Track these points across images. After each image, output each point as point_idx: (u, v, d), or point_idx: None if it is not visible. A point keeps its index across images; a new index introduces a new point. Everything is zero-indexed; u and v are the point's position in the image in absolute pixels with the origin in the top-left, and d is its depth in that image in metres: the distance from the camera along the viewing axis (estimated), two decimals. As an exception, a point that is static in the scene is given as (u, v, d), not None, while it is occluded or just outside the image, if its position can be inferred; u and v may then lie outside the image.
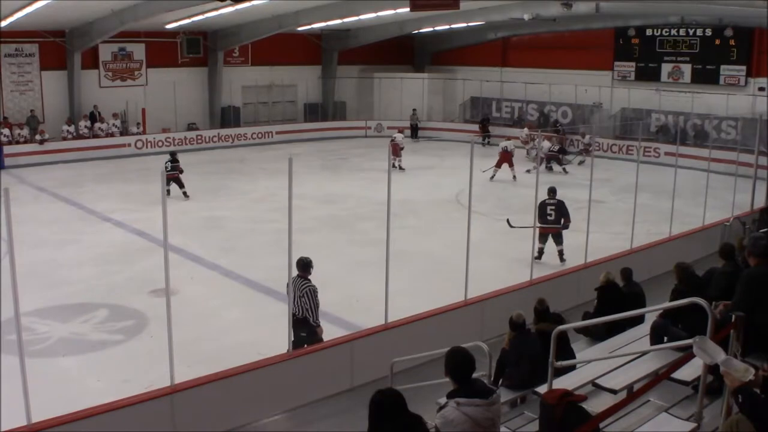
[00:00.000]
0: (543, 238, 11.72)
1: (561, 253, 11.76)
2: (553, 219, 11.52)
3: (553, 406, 4.19)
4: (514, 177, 19.32)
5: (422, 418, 3.66)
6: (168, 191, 16.16)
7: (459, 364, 3.64)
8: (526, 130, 23.57)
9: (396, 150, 20.20)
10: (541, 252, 11.73)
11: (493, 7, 22.31)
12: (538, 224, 11.10)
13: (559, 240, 11.74)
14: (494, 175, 19.35)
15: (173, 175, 16.27)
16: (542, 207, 11.46)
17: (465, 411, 3.45)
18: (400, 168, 20.18)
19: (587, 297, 8.65)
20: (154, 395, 6.30)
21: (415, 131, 27.39)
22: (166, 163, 16.31)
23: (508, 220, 12.36)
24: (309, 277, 7.50)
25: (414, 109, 27.80)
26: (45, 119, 22.37)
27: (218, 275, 11.31)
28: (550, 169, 20.80)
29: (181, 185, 16.54)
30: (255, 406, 6.86)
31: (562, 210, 11.57)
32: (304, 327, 7.36)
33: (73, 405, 6.02)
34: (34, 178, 18.93)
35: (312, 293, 7.36)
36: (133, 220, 14.39)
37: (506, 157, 19.48)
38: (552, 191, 11.83)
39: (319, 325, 7.53)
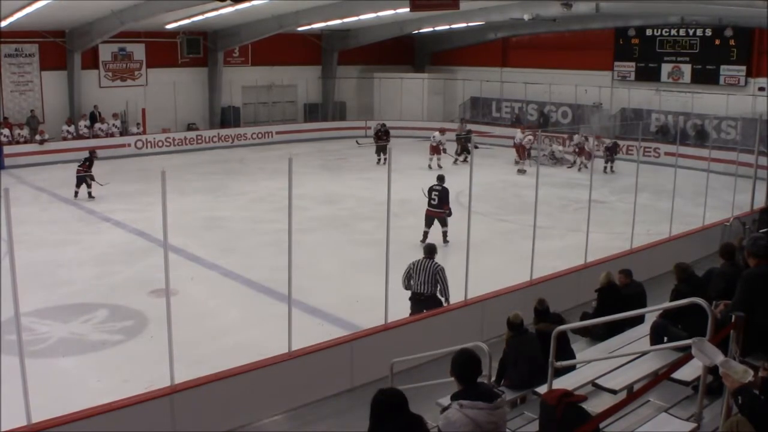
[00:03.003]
0: (429, 221, 12.59)
1: (444, 235, 12.61)
2: (436, 203, 12.49)
3: (553, 407, 4.19)
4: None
5: (423, 419, 3.66)
6: (76, 192, 16.42)
7: (465, 365, 3.63)
8: (518, 133, 22.36)
9: (437, 149, 20.85)
10: (425, 235, 12.50)
11: (493, 7, 22.30)
12: (428, 207, 12.56)
13: (443, 222, 12.60)
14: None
15: (81, 172, 16.29)
16: (429, 191, 12.73)
17: (467, 413, 3.44)
18: (439, 167, 20.54)
19: (587, 297, 8.65)
20: (154, 395, 6.30)
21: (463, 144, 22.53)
22: (84, 161, 16.53)
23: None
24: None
25: (462, 119, 26.31)
26: (45, 119, 22.37)
27: (218, 275, 11.31)
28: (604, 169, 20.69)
29: (89, 185, 16.41)
30: (255, 406, 6.86)
31: (444, 197, 12.46)
32: (429, 304, 8.27)
33: (73, 405, 6.02)
34: (33, 178, 18.93)
35: (443, 272, 8.31)
36: (132, 220, 14.39)
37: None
38: (440, 178, 12.77)
39: (448, 301, 8.31)
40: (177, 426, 6.30)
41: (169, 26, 22.93)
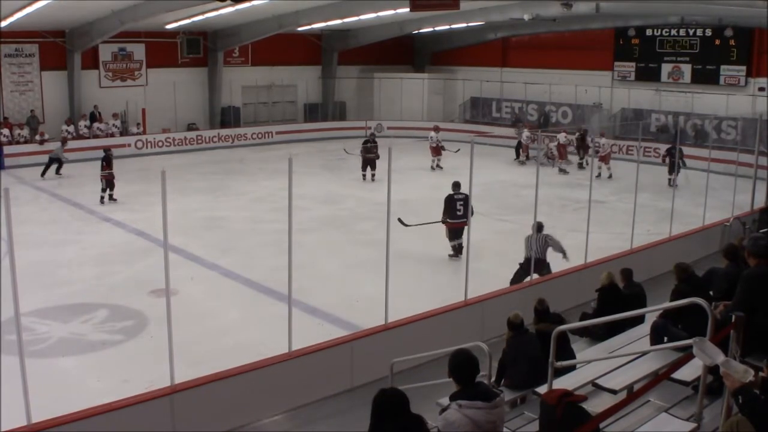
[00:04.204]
0: (454, 234, 11.77)
1: (460, 246, 11.69)
2: (461, 213, 11.51)
3: (553, 407, 4.19)
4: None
5: (423, 419, 3.66)
6: (109, 197, 16.06)
7: (462, 365, 3.63)
8: (525, 131, 22.94)
9: (438, 150, 20.69)
10: (457, 249, 11.75)
11: (493, 7, 22.30)
12: (448, 219, 11.61)
13: (461, 233, 11.67)
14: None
15: (108, 177, 15.98)
16: (451, 202, 11.65)
17: (466, 413, 3.44)
18: (438, 167, 20.49)
19: (587, 297, 8.65)
20: (154, 395, 6.30)
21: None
22: (104, 161, 16.10)
23: (399, 219, 11.79)
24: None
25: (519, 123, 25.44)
26: (45, 119, 22.37)
27: (218, 275, 11.30)
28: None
29: (111, 187, 16.08)
30: (255, 406, 6.86)
31: (467, 204, 11.41)
32: (543, 267, 9.92)
33: (73, 405, 6.02)
34: (33, 178, 18.92)
35: (552, 237, 10.11)
36: (133, 220, 14.40)
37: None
38: (458, 185, 11.82)
39: (566, 255, 10.13)
40: (177, 426, 6.30)
41: (169, 26, 22.93)
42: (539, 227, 10.26)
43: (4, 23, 17.74)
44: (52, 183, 18.31)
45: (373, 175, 19.10)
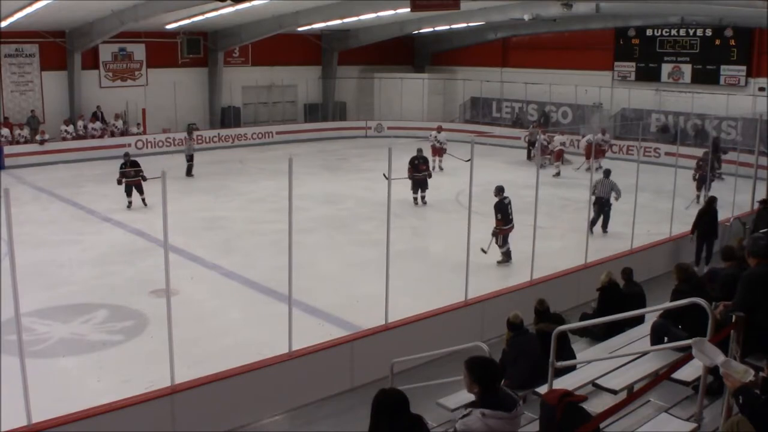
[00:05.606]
0: (506, 239, 11.69)
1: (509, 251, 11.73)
2: (512, 218, 11.63)
3: (554, 407, 4.18)
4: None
5: (423, 419, 3.67)
6: (130, 203, 15.65)
7: (487, 372, 3.62)
8: (540, 136, 22.51)
9: (439, 151, 20.48)
10: (508, 254, 11.69)
11: (493, 8, 22.30)
12: (503, 226, 11.50)
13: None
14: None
15: (136, 182, 15.59)
16: (504, 207, 11.57)
17: (488, 423, 3.46)
18: (440, 168, 20.29)
19: (587, 297, 8.66)
20: (154, 395, 6.31)
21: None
22: (124, 166, 15.66)
23: (482, 249, 11.50)
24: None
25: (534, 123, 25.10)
26: (45, 119, 22.38)
27: (218, 275, 11.30)
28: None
29: (141, 191, 15.66)
30: (255, 406, 6.86)
31: (512, 208, 11.71)
32: (606, 204, 12.90)
33: (73, 405, 6.02)
34: (34, 179, 18.92)
35: (616, 184, 12.83)
36: (133, 220, 14.40)
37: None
38: (501, 189, 11.85)
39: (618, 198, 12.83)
40: (177, 426, 6.30)
41: (169, 26, 22.92)
42: (607, 173, 13.00)
43: (4, 23, 17.75)
44: (52, 183, 18.30)
45: (423, 198, 16.33)
